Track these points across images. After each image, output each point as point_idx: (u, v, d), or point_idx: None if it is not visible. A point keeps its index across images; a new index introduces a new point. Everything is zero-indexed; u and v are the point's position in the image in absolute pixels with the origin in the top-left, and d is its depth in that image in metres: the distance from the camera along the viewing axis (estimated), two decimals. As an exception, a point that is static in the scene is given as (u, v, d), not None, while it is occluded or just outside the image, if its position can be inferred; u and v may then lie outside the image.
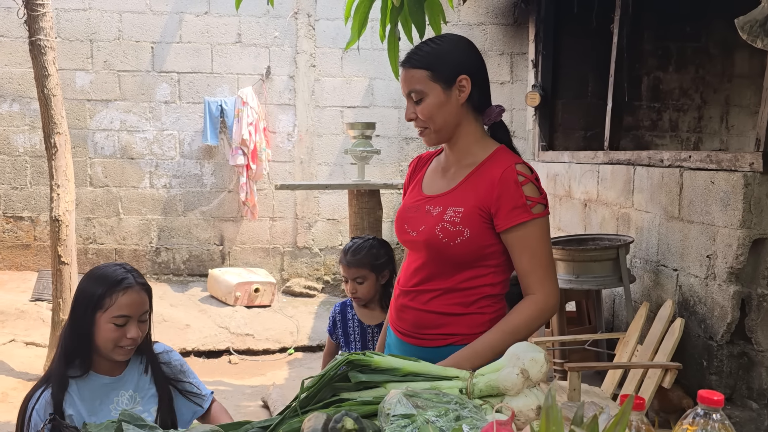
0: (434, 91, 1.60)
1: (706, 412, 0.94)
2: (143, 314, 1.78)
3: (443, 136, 1.66)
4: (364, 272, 2.45)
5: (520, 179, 1.57)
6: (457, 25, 6.28)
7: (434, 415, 1.04)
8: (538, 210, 1.57)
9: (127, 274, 1.77)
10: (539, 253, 1.57)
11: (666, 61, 6.15)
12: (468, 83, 1.61)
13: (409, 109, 1.64)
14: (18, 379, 4.21)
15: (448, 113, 1.62)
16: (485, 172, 1.61)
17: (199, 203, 6.29)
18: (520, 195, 1.55)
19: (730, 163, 3.04)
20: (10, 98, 6.06)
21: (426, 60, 1.61)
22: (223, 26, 6.16)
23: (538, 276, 1.57)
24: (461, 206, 1.60)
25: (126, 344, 1.75)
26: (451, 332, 1.62)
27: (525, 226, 1.56)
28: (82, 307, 1.73)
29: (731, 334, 3.04)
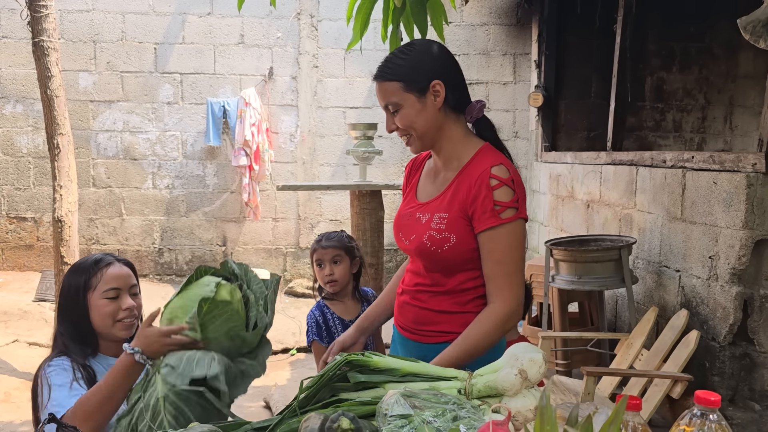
0: (409, 100, 1.60)
1: (702, 412, 0.93)
2: (132, 287, 1.79)
3: (427, 142, 1.66)
4: (340, 252, 2.51)
5: (493, 183, 1.56)
6: (460, 25, 6.28)
7: (432, 415, 1.04)
8: (507, 215, 1.55)
9: (104, 255, 1.80)
10: (503, 260, 1.56)
11: (670, 62, 6.14)
12: (442, 88, 1.61)
13: (389, 120, 1.65)
14: (21, 379, 4.22)
15: (426, 119, 1.62)
16: (467, 175, 1.61)
17: (201, 204, 6.30)
18: (490, 199, 1.55)
19: (733, 164, 3.03)
20: (13, 99, 6.08)
21: (397, 72, 1.61)
22: (225, 27, 6.17)
23: (497, 283, 1.57)
24: (446, 212, 1.61)
25: (123, 316, 1.74)
26: (448, 330, 1.64)
27: (492, 231, 1.55)
28: (72, 297, 1.74)
29: (734, 336, 3.03)
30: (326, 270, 2.50)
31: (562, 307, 3.92)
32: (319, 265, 2.53)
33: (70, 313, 1.74)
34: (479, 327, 1.56)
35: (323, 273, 2.51)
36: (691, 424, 0.93)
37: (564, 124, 6.03)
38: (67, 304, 1.76)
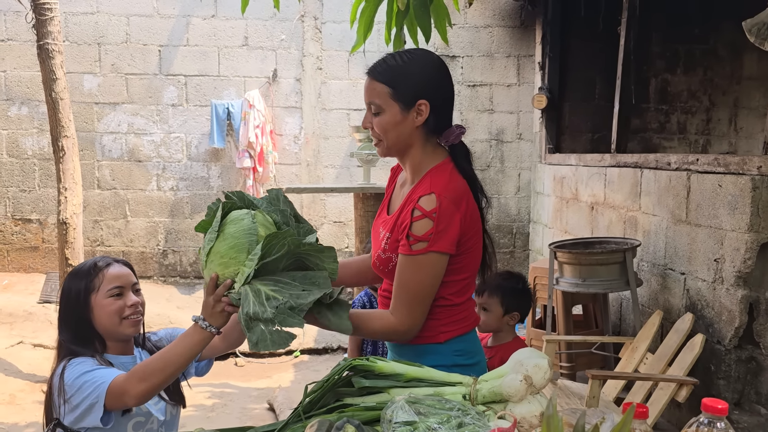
0: (392, 109, 1.59)
1: (710, 420, 0.93)
2: (134, 285, 1.81)
3: (393, 152, 1.66)
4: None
5: (415, 214, 1.55)
6: (464, 27, 6.28)
7: (436, 422, 1.04)
8: (418, 247, 1.55)
9: (101, 258, 1.82)
10: (405, 286, 1.58)
11: (674, 63, 6.13)
12: (426, 108, 1.59)
13: (368, 117, 1.64)
14: (26, 381, 4.24)
15: (401, 133, 1.61)
16: (411, 197, 1.61)
17: (205, 206, 6.29)
18: (406, 229, 1.56)
19: (738, 167, 3.02)
20: (18, 101, 6.10)
21: (390, 75, 1.59)
22: (229, 29, 6.18)
23: (397, 303, 1.59)
24: (390, 232, 1.64)
25: (129, 313, 1.76)
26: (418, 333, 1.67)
27: (403, 258, 1.58)
28: (74, 301, 1.75)
29: (739, 339, 3.02)
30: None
31: (567, 310, 3.91)
32: None
33: (72, 317, 1.75)
34: (376, 322, 1.62)
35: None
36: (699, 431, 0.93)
37: (568, 126, 6.02)
38: (68, 309, 1.76)
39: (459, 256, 1.59)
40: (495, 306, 2.71)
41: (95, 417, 1.51)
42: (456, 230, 1.55)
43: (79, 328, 1.74)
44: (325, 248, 1.47)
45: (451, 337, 1.65)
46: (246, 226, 1.46)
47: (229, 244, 1.46)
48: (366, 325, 1.61)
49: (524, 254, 6.56)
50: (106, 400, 1.50)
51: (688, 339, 3.04)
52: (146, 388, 1.50)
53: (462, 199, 1.58)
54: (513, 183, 6.51)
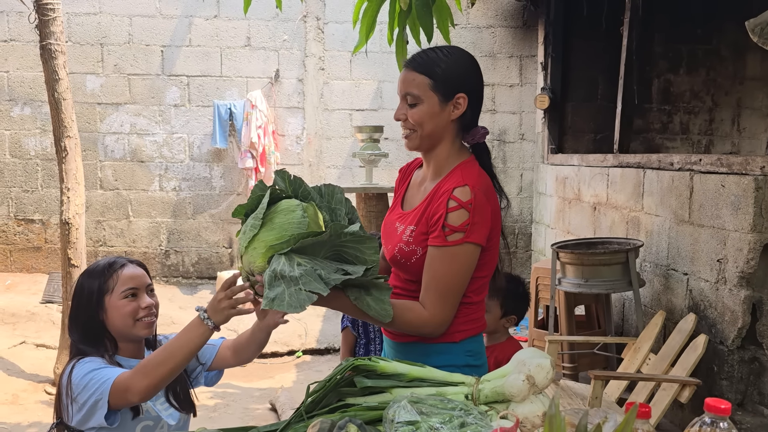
0: (431, 100, 1.60)
1: (713, 420, 0.93)
2: (149, 286, 1.80)
3: (425, 144, 1.65)
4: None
5: (451, 205, 1.56)
6: (466, 27, 6.27)
7: (438, 421, 1.04)
8: (453, 238, 1.55)
9: (116, 258, 1.81)
10: (439, 278, 1.57)
11: (677, 64, 6.12)
12: (464, 102, 1.61)
13: (401, 109, 1.64)
14: (29, 381, 4.24)
15: (437, 125, 1.62)
16: (438, 189, 1.62)
17: (208, 206, 6.32)
18: (441, 219, 1.56)
19: (741, 167, 3.01)
20: (21, 102, 6.11)
21: (431, 67, 1.60)
22: (232, 30, 6.19)
23: (431, 296, 1.57)
24: (415, 225, 1.62)
25: (144, 315, 1.76)
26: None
27: (437, 250, 1.57)
28: (87, 301, 1.74)
29: (742, 339, 3.01)
30: None
31: (569, 311, 3.90)
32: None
33: (84, 317, 1.74)
34: (404, 311, 1.57)
35: None
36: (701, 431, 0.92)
37: (570, 127, 6.02)
38: (80, 308, 1.75)
39: (484, 252, 1.60)
40: (495, 308, 2.73)
41: (100, 415, 1.51)
42: (488, 223, 1.57)
43: (90, 328, 1.73)
44: (366, 238, 1.44)
45: (465, 337, 1.65)
46: (296, 220, 1.43)
47: (275, 235, 1.42)
48: (399, 316, 1.55)
49: (526, 254, 6.55)
50: (110, 397, 1.50)
51: (690, 339, 3.03)
52: (149, 384, 1.50)
53: (491, 194, 1.61)
54: (515, 183, 6.51)
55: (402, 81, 1.64)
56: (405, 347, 1.67)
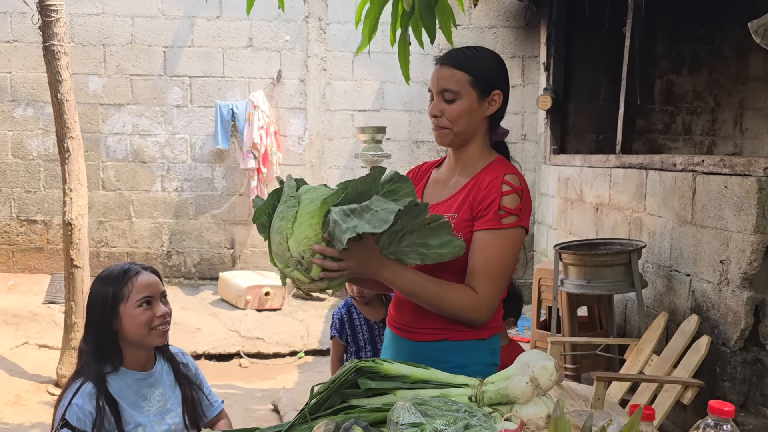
0: (469, 96, 1.62)
1: (716, 422, 0.92)
2: (163, 293, 1.81)
3: (458, 141, 1.68)
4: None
5: (504, 188, 1.59)
6: (468, 28, 6.27)
7: (443, 423, 1.04)
8: (508, 221, 1.57)
9: (130, 264, 1.81)
10: (492, 263, 1.57)
11: (679, 64, 6.11)
12: (499, 99, 1.66)
13: (438, 105, 1.64)
14: (31, 382, 4.24)
15: (472, 121, 1.65)
16: (479, 180, 1.65)
17: (210, 207, 6.32)
18: (497, 203, 1.57)
19: (744, 168, 3.01)
20: (24, 102, 6.12)
21: (469, 64, 1.63)
22: (234, 30, 6.19)
23: (483, 281, 1.57)
24: (455, 212, 1.63)
25: (158, 323, 1.76)
26: (446, 326, 1.63)
27: (490, 233, 1.57)
28: (101, 308, 1.74)
29: (745, 341, 3.00)
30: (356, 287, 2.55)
31: (571, 312, 3.90)
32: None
33: (97, 325, 1.74)
34: (458, 296, 1.56)
35: (351, 286, 2.53)
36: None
37: (573, 127, 6.01)
38: (94, 316, 1.76)
39: None
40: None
41: None
42: (530, 212, 1.63)
43: (103, 337, 1.74)
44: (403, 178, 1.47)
45: (492, 334, 1.67)
46: (325, 190, 1.45)
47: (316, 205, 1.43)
48: (448, 296, 1.55)
49: (528, 255, 6.55)
50: None
51: (693, 341, 3.03)
52: None
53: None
54: (517, 184, 6.50)
55: (438, 77, 1.64)
56: (429, 346, 1.63)
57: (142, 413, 1.76)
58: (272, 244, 1.49)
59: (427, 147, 6.37)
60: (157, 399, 1.81)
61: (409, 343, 1.69)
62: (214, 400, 2.01)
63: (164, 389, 1.85)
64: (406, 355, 1.67)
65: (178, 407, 1.86)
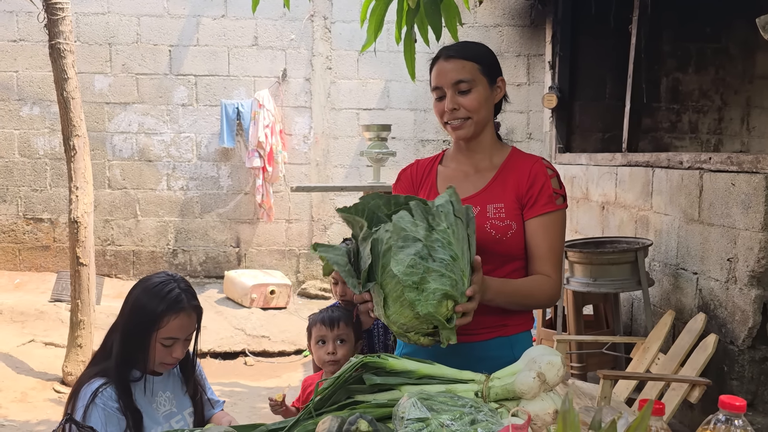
0: (482, 83, 1.65)
1: (727, 417, 0.91)
2: (190, 334, 1.82)
3: (478, 131, 1.69)
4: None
5: (549, 172, 1.66)
6: (474, 26, 6.26)
7: (449, 418, 1.03)
8: (560, 202, 1.65)
9: (181, 294, 1.77)
10: (556, 243, 1.64)
11: (685, 62, 6.08)
12: (503, 85, 1.71)
13: (452, 99, 1.65)
14: (37, 379, 4.26)
15: (487, 109, 1.69)
16: (512, 168, 1.68)
17: (215, 205, 6.33)
18: (548, 186, 1.63)
19: (752, 165, 2.99)
20: (30, 101, 6.14)
21: (476, 54, 1.66)
22: (239, 29, 6.19)
23: (552, 263, 1.63)
24: (501, 202, 1.64)
25: (170, 362, 1.79)
26: (499, 323, 1.64)
27: (549, 216, 1.62)
28: (142, 322, 1.74)
29: (753, 339, 2.99)
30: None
31: (577, 310, 3.88)
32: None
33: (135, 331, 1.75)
34: (541, 286, 1.61)
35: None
36: (716, 429, 0.91)
37: (578, 126, 5.99)
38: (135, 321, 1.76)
39: None
40: None
41: None
42: None
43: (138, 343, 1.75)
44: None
45: (531, 327, 1.71)
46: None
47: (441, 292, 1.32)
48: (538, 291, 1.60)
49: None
50: None
51: (700, 339, 3.01)
52: None
53: None
54: (523, 183, 6.48)
55: (449, 70, 1.65)
56: (484, 345, 1.62)
57: (154, 417, 1.77)
58: (392, 311, 1.32)
59: (432, 145, 6.36)
60: (165, 402, 1.82)
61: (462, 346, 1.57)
62: (215, 401, 2.01)
63: (171, 393, 1.85)
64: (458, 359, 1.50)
65: (184, 410, 1.86)
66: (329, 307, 2.47)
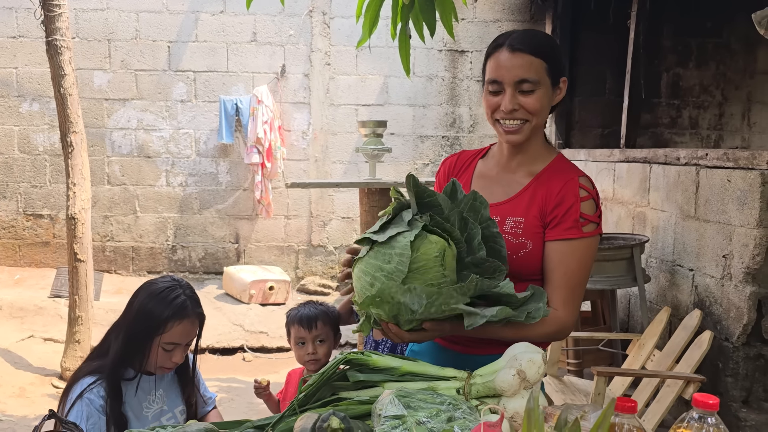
0: (546, 85, 1.49)
1: (701, 416, 0.91)
2: (191, 341, 1.83)
3: (533, 134, 1.53)
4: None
5: (582, 194, 1.48)
6: (473, 22, 6.24)
7: (425, 416, 1.03)
8: (588, 229, 1.48)
9: (187, 301, 1.78)
10: (574, 274, 1.47)
11: (686, 58, 6.05)
12: (564, 86, 1.54)
13: (512, 98, 1.47)
14: (36, 375, 4.28)
15: (547, 111, 1.53)
16: (546, 181, 1.52)
17: (214, 201, 6.33)
18: (576, 210, 1.46)
19: (748, 162, 2.98)
20: (30, 98, 6.15)
21: (545, 51, 1.48)
22: (238, 25, 6.19)
23: (563, 294, 1.47)
24: (522, 216, 1.51)
25: (169, 366, 1.80)
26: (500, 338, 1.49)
27: (570, 243, 1.47)
28: (146, 326, 1.75)
29: (747, 336, 2.98)
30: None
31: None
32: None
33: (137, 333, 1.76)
34: (539, 324, 1.41)
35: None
36: (689, 426, 0.91)
37: (578, 122, 5.97)
38: (138, 322, 1.76)
39: None
40: None
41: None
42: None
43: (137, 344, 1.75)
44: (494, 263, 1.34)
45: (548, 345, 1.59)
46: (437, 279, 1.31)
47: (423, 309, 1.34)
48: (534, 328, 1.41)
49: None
50: None
51: (695, 336, 3.01)
52: None
53: None
54: (522, 179, 6.47)
55: (513, 66, 1.47)
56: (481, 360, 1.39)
57: (142, 418, 1.78)
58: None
59: (431, 142, 6.35)
60: (156, 400, 1.83)
61: (455, 354, 1.57)
62: (208, 397, 2.02)
63: (164, 391, 1.86)
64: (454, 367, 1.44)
65: (175, 408, 1.87)
66: (306, 304, 2.38)
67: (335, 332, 2.34)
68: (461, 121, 6.37)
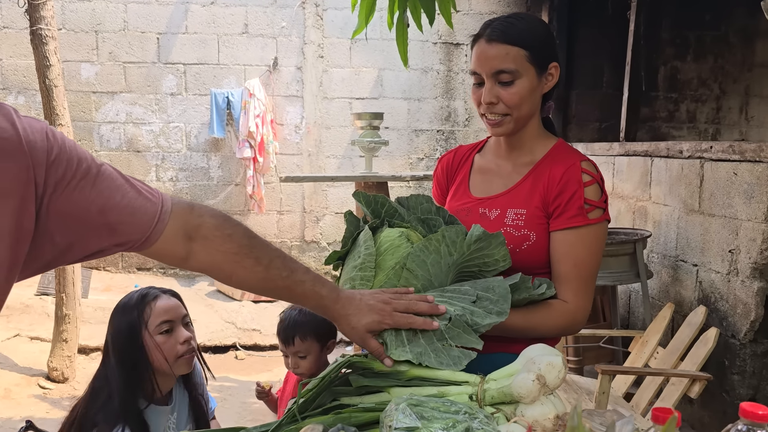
0: (528, 74, 1.41)
1: (749, 428, 0.82)
2: (185, 317, 1.73)
3: (518, 127, 1.47)
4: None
5: (586, 179, 1.41)
6: (469, 13, 6.15)
7: (441, 427, 0.94)
8: (594, 215, 1.41)
9: (148, 289, 1.73)
10: (583, 263, 1.41)
11: (684, 51, 5.99)
12: (556, 73, 1.46)
13: (492, 90, 1.42)
14: (22, 375, 4.16)
15: (533, 101, 1.45)
16: (546, 168, 1.46)
17: (205, 196, 6.21)
18: (579, 196, 1.40)
19: (755, 154, 2.90)
20: (15, 90, 6.00)
21: (524, 37, 1.40)
22: (229, 16, 6.06)
23: (574, 286, 1.41)
24: (523, 208, 1.45)
25: (183, 351, 1.68)
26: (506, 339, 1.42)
27: (576, 231, 1.40)
28: (127, 337, 1.65)
29: (755, 333, 2.92)
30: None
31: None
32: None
33: (127, 355, 1.64)
34: (551, 319, 1.39)
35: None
36: (736, 440, 0.82)
37: (575, 115, 5.90)
38: (121, 347, 1.65)
39: None
40: None
41: None
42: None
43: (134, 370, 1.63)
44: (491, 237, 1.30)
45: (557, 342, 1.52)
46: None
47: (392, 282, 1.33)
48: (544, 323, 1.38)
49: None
50: None
51: (701, 333, 2.94)
52: None
53: None
54: (518, 173, 6.40)
55: (490, 57, 1.41)
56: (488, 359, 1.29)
57: None
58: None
59: (426, 135, 6.26)
60: (170, 425, 1.74)
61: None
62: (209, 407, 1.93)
63: (177, 414, 1.78)
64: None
65: (183, 427, 1.78)
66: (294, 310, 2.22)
67: (323, 342, 2.19)
68: (456, 114, 6.28)
